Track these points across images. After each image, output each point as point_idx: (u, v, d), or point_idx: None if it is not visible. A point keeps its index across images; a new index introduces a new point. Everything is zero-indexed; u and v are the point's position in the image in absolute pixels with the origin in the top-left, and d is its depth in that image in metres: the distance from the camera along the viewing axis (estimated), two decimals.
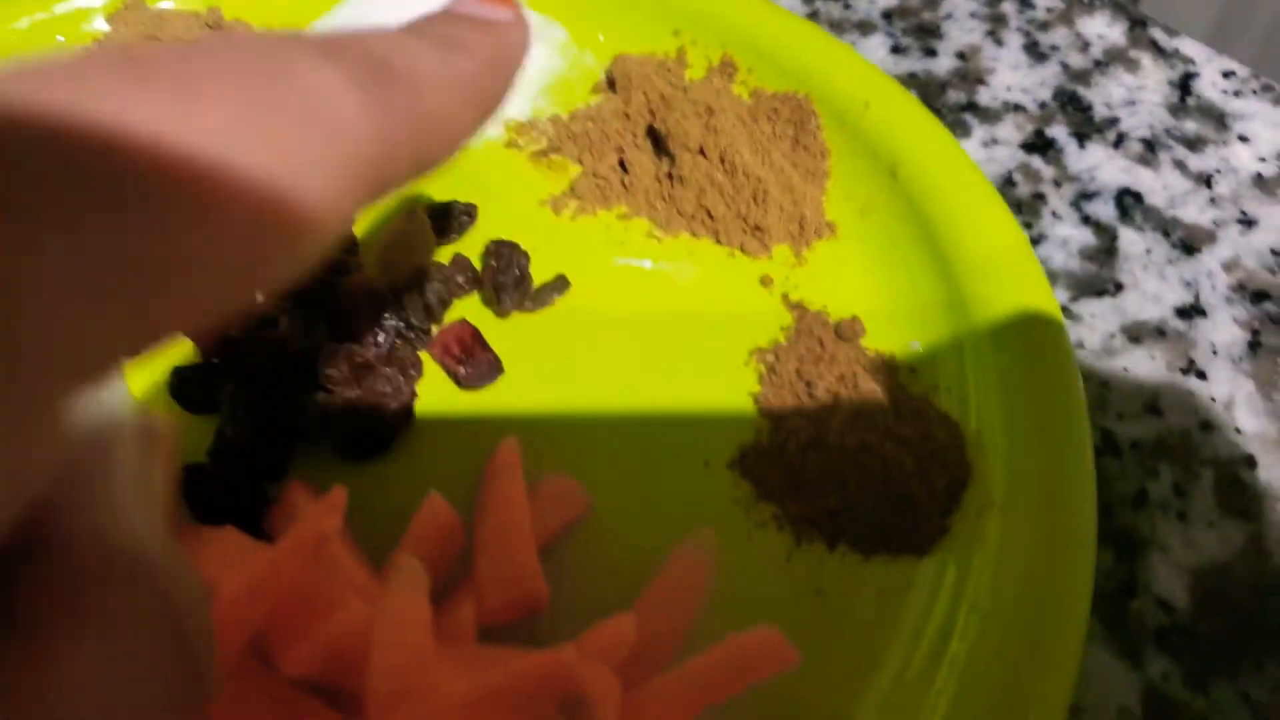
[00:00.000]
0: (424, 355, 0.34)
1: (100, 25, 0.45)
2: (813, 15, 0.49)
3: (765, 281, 0.37)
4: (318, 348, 0.31)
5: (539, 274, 0.37)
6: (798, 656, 0.25)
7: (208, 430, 0.32)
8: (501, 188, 0.40)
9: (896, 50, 0.47)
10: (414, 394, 0.33)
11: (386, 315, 0.33)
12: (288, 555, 0.23)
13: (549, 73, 0.45)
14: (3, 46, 0.44)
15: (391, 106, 0.16)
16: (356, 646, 0.23)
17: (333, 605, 0.23)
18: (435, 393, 0.34)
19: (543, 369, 0.35)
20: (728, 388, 0.34)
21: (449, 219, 0.38)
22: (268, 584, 0.22)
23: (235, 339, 0.32)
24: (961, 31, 0.48)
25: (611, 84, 0.44)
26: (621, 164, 0.40)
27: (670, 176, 0.39)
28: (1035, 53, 0.47)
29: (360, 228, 0.38)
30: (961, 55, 0.46)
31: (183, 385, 0.32)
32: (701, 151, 0.39)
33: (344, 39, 0.16)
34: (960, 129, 0.43)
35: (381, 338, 0.33)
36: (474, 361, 0.34)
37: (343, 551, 0.25)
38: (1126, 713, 0.28)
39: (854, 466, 0.31)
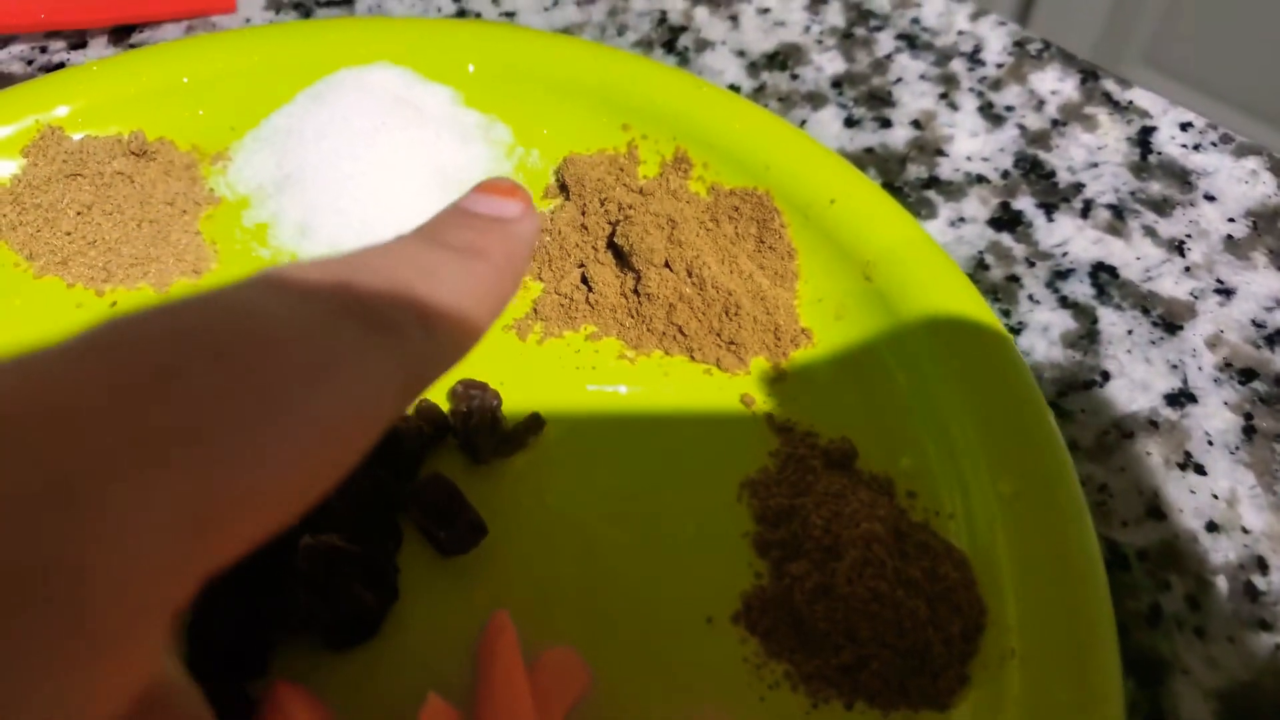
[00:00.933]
0: (402, 519, 0.32)
1: (10, 166, 0.42)
2: (760, 89, 0.47)
3: (746, 401, 0.35)
4: (294, 535, 0.29)
5: (510, 405, 0.35)
6: None
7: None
8: None
9: (850, 123, 0.46)
10: (396, 569, 0.31)
11: (357, 485, 0.31)
12: None
13: (496, 175, 0.43)
14: None
15: (422, 339, 0.18)
16: None
17: None
18: (416, 561, 0.32)
19: (525, 523, 0.33)
20: (721, 530, 0.33)
21: None
22: None
23: None
24: (913, 96, 0.46)
25: (563, 188, 0.42)
26: (584, 280, 0.38)
27: (636, 292, 0.37)
28: (991, 115, 0.46)
29: None
30: (917, 123, 0.45)
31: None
32: (667, 265, 0.37)
33: (365, 272, 0.18)
34: (925, 208, 0.42)
35: (357, 501, 0.31)
36: (455, 525, 0.32)
37: None
38: None
39: (865, 616, 0.29)
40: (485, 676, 0.28)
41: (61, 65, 0.50)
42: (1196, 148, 0.44)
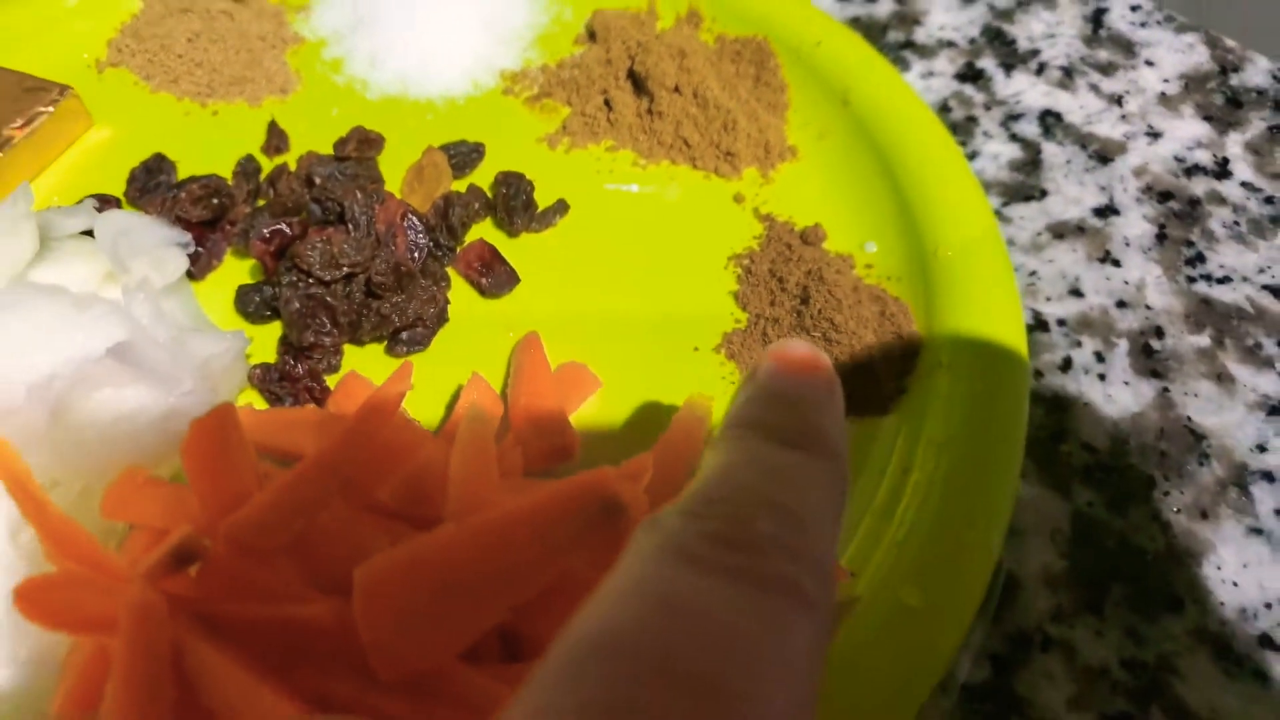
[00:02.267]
0: (450, 270, 0.40)
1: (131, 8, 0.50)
2: None
3: (738, 199, 0.42)
4: (368, 260, 0.36)
5: (542, 200, 0.42)
6: None
7: (272, 335, 0.37)
8: (503, 129, 0.45)
9: None
10: (446, 300, 0.38)
11: (420, 234, 0.38)
12: (375, 410, 0.28)
13: (535, 27, 0.50)
14: (52, 21, 0.49)
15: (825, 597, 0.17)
16: (434, 479, 0.28)
17: (412, 448, 0.28)
18: (462, 301, 0.39)
19: (552, 278, 0.40)
20: (710, 287, 0.40)
21: (462, 155, 0.43)
22: (359, 435, 0.28)
23: (293, 256, 0.37)
24: None
25: (592, 35, 0.49)
26: (606, 103, 0.45)
27: (650, 112, 0.45)
28: None
29: (385, 164, 0.43)
30: (899, 0, 0.52)
31: (248, 300, 0.38)
32: (676, 89, 0.44)
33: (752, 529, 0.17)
34: (901, 64, 0.49)
35: (416, 254, 0.38)
36: (493, 273, 0.39)
37: (404, 414, 0.31)
38: (1058, 533, 0.34)
39: (824, 343, 0.36)
40: (517, 374, 0.35)
41: None
42: (1143, 25, 0.51)
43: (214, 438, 0.27)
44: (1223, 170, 0.44)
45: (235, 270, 0.40)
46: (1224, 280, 0.40)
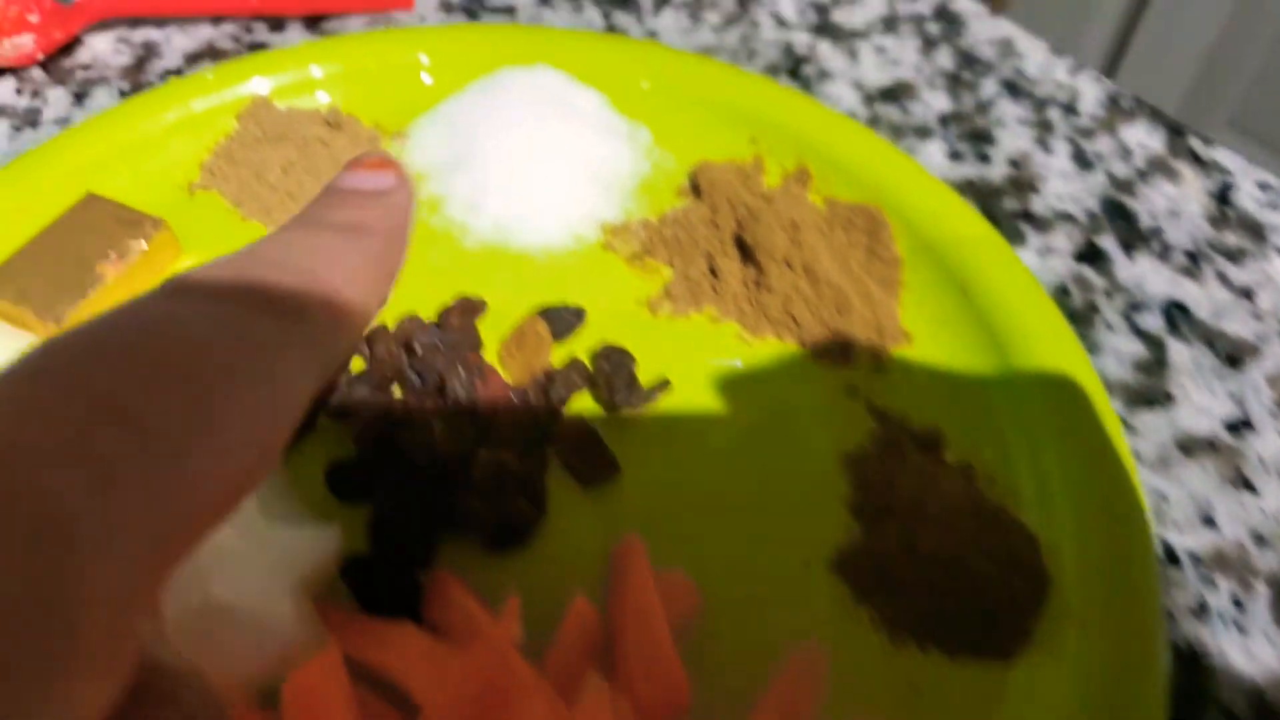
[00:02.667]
0: (549, 450, 0.38)
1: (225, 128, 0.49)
2: (874, 119, 0.52)
3: (850, 390, 0.40)
4: (468, 451, 0.35)
5: (643, 372, 0.40)
6: None
7: (357, 517, 0.36)
8: (603, 289, 0.44)
9: (954, 156, 0.51)
10: (545, 490, 0.36)
11: (520, 418, 0.37)
12: (481, 664, 0.26)
13: (637, 176, 0.48)
14: (146, 141, 0.48)
15: (328, 321, 0.19)
16: None
17: (519, 710, 0.26)
18: (559, 486, 0.37)
19: (652, 466, 0.38)
20: (820, 491, 0.38)
21: (564, 322, 0.41)
22: (465, 690, 0.26)
23: (391, 438, 0.35)
24: (1012, 137, 0.51)
25: (696, 189, 0.47)
26: (711, 270, 0.44)
27: (757, 284, 0.43)
28: (1082, 161, 0.50)
29: (484, 321, 0.41)
30: (1014, 163, 0.50)
31: (339, 477, 0.36)
32: (787, 263, 0.42)
33: (266, 265, 0.19)
34: (1016, 236, 0.47)
35: (515, 432, 0.36)
36: (593, 460, 0.37)
37: (517, 655, 0.29)
38: None
39: (944, 574, 0.34)
40: (620, 584, 0.33)
41: (263, 45, 0.56)
42: (1273, 206, 0.48)
43: (319, 693, 0.26)
44: None
45: (326, 435, 0.39)
46: None
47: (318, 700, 0.25)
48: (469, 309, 0.41)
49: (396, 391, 0.39)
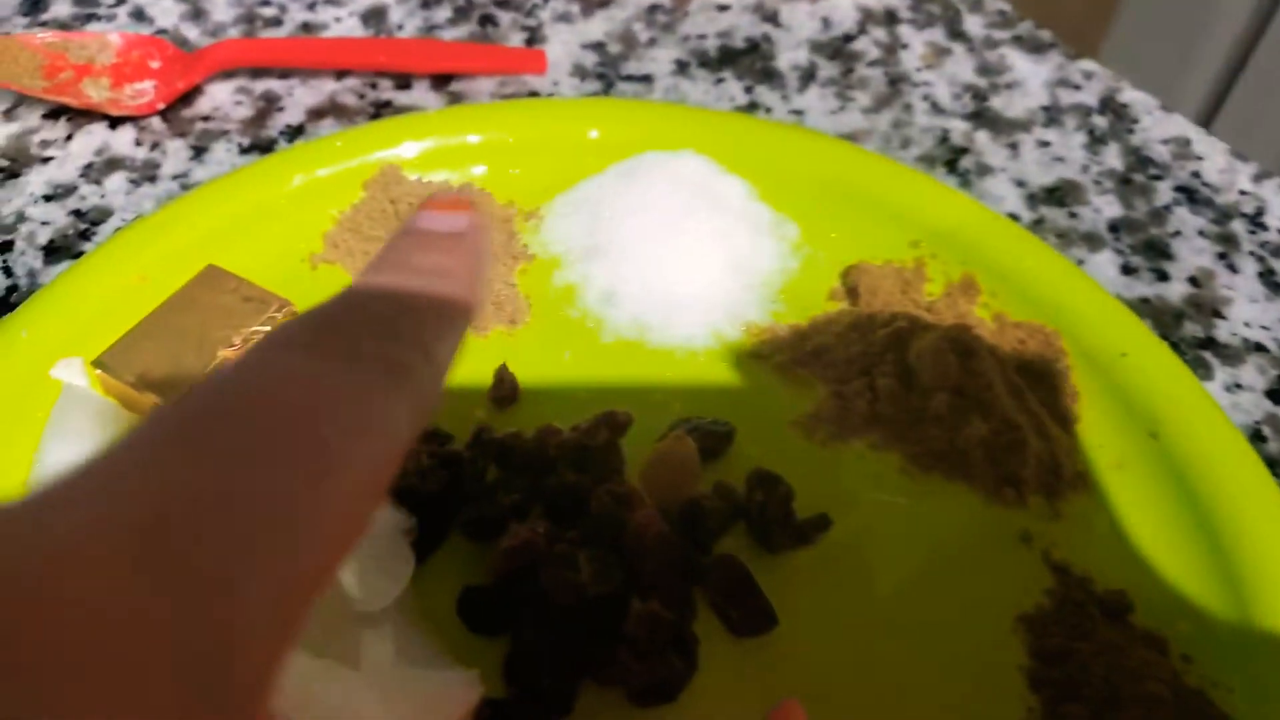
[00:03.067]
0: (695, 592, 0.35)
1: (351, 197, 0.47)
2: (1038, 222, 0.49)
3: (1024, 538, 0.37)
4: (615, 594, 0.32)
5: (797, 504, 0.37)
6: None
7: (489, 648, 0.33)
8: (750, 402, 0.40)
9: (1127, 270, 0.47)
10: (697, 640, 0.33)
11: (669, 555, 0.33)
12: None
13: (783, 273, 0.45)
14: (274, 206, 0.46)
15: (424, 368, 0.19)
16: None
17: None
18: (710, 632, 0.34)
19: (809, 618, 0.35)
20: (995, 657, 0.34)
21: (712, 440, 0.38)
22: None
23: (531, 571, 0.32)
24: (1192, 252, 0.48)
25: (850, 293, 0.44)
26: (870, 389, 0.40)
27: (921, 411, 0.39)
28: (1272, 282, 0.46)
29: (631, 447, 0.38)
30: (1194, 280, 0.46)
31: (472, 605, 0.33)
32: (958, 391, 0.39)
33: (361, 315, 0.19)
34: (1201, 368, 0.43)
35: (666, 573, 0.33)
36: (746, 607, 0.34)
37: None
38: None
39: None
40: None
41: (389, 103, 0.54)
42: None
43: None
44: None
45: (456, 552, 0.36)
46: None
47: None
48: (615, 426, 0.37)
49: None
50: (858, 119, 0.54)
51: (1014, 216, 0.49)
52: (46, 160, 0.51)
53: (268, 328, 0.40)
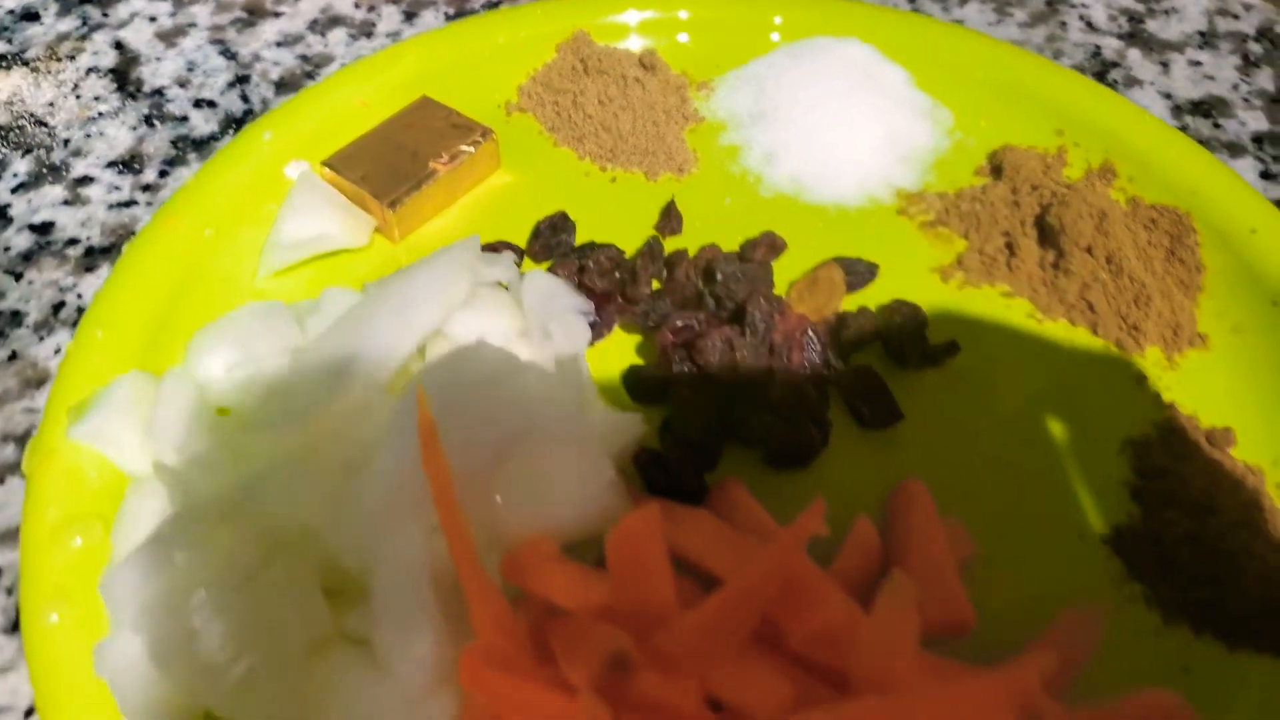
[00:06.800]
0: (833, 391, 0.39)
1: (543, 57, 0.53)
2: (1182, 129, 0.51)
3: (1138, 379, 0.40)
4: (764, 372, 0.36)
5: (931, 334, 0.41)
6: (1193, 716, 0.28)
7: (651, 417, 0.38)
8: (895, 251, 0.44)
9: (1266, 176, 0.49)
10: (829, 423, 0.37)
11: (817, 353, 0.38)
12: (791, 549, 0.27)
13: (935, 151, 0.49)
14: (478, 58, 0.52)
15: None
16: (841, 630, 0.27)
17: (827, 598, 0.28)
18: (840, 424, 0.38)
19: (933, 422, 0.39)
20: (1102, 470, 0.37)
21: (857, 274, 0.42)
22: (776, 573, 0.27)
23: (690, 350, 0.37)
24: None
25: (996, 171, 0.48)
26: (1008, 246, 0.44)
27: (1055, 266, 0.43)
28: None
29: (777, 274, 0.43)
30: None
31: (637, 379, 0.38)
32: (1089, 250, 0.42)
33: None
34: None
35: (809, 366, 0.38)
36: (876, 405, 0.38)
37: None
38: None
39: (1231, 566, 0.33)
40: (902, 518, 0.34)
41: None
42: None
43: (640, 539, 0.28)
44: None
45: (619, 343, 0.41)
46: None
47: (638, 543, 0.27)
48: (774, 245, 0.42)
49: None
50: (1014, 32, 0.57)
51: None
52: (279, 15, 0.58)
53: (473, 150, 0.46)
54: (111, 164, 0.49)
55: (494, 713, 0.26)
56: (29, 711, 0.32)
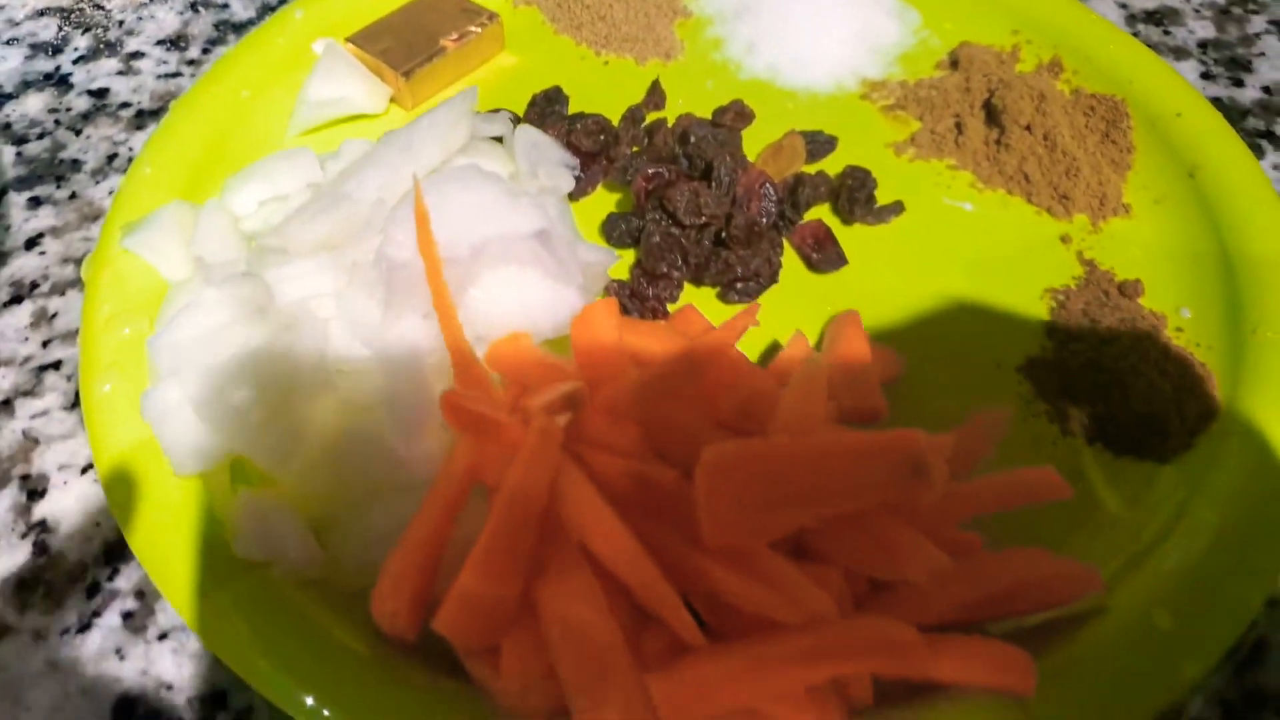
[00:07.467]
0: (786, 241, 0.44)
1: None
2: (1134, 35, 0.56)
3: (1064, 239, 0.45)
4: (726, 215, 0.42)
5: (881, 198, 0.46)
6: (1068, 489, 0.33)
7: (626, 259, 0.43)
8: (855, 129, 0.49)
9: (1206, 76, 0.53)
10: (780, 264, 0.43)
11: (772, 202, 0.43)
12: (727, 336, 0.33)
13: (902, 46, 0.54)
14: None
15: None
16: (762, 403, 0.33)
17: (751, 373, 0.33)
18: (791, 269, 0.43)
19: (875, 269, 0.44)
20: (1023, 312, 0.42)
21: (818, 144, 0.47)
22: (715, 349, 0.32)
23: (660, 198, 0.42)
24: (1273, 69, 0.54)
25: (954, 64, 0.52)
26: (957, 126, 0.49)
27: (998, 143, 0.48)
28: None
29: (748, 137, 0.48)
30: (1268, 89, 0.53)
31: (614, 226, 0.43)
32: (1028, 127, 0.47)
33: None
34: (1255, 151, 0.50)
35: (766, 219, 0.43)
36: (824, 251, 0.43)
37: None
38: None
39: (1120, 384, 0.39)
40: (836, 340, 0.39)
41: None
42: None
43: (600, 321, 0.33)
44: None
45: (603, 199, 0.46)
46: None
47: (597, 321, 0.33)
48: (742, 113, 0.47)
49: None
50: None
51: None
52: None
53: (479, 30, 0.51)
54: (160, 42, 0.55)
55: (473, 445, 0.31)
56: (85, 468, 0.38)
